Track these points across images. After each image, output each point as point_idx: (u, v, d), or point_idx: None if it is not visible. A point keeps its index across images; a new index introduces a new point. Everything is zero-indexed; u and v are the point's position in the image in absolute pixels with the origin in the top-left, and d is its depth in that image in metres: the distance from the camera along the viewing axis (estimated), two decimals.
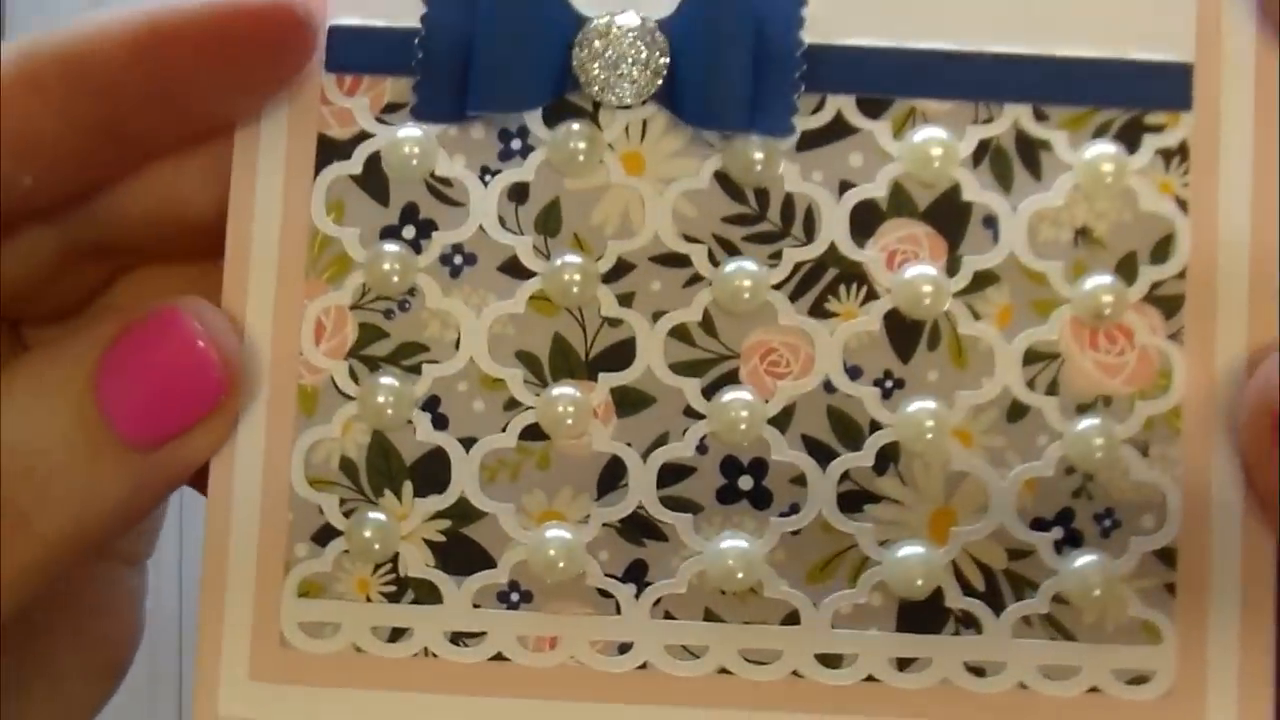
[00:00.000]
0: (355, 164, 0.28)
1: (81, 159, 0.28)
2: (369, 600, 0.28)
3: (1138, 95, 0.27)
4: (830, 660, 0.27)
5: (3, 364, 0.28)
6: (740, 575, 0.27)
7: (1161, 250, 0.27)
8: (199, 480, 0.28)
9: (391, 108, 0.28)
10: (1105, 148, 0.27)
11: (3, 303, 0.30)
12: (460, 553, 0.27)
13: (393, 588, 0.28)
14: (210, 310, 0.27)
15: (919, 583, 0.27)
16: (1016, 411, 0.27)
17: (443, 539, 0.28)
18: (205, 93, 0.27)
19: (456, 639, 0.27)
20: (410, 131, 0.28)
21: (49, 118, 0.27)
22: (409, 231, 0.28)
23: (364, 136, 0.28)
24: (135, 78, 0.27)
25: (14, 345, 0.31)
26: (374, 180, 0.28)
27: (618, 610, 0.27)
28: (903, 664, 0.27)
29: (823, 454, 0.27)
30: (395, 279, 0.27)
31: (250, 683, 0.28)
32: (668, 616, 0.27)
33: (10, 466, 0.26)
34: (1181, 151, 0.27)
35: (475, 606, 0.27)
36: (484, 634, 0.27)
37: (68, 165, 0.28)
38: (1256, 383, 0.26)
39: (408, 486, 0.28)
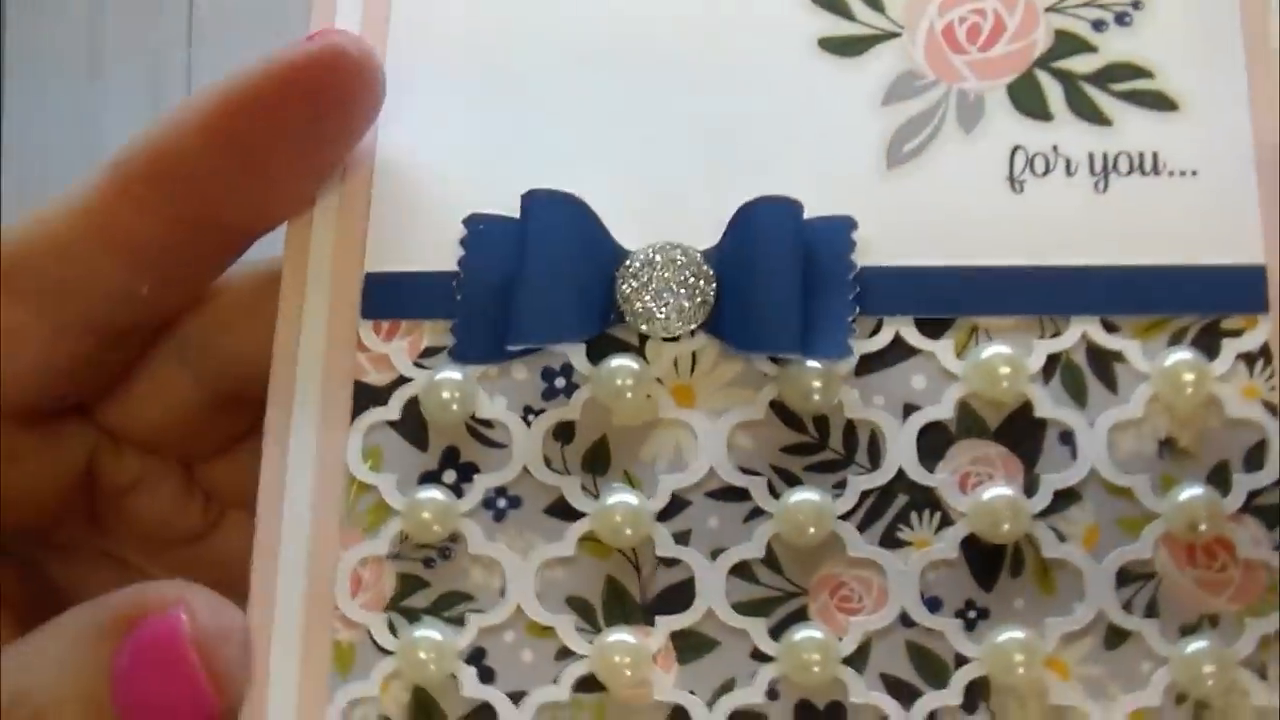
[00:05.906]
0: (393, 409, 0.27)
1: (185, 254, 0.28)
2: None
3: (1211, 300, 0.26)
4: None
5: (167, 493, 0.31)
6: None
7: (1255, 457, 0.25)
8: None
9: (429, 351, 0.27)
10: (1183, 355, 0.26)
11: (146, 437, 0.31)
12: None
13: None
14: (218, 613, 0.25)
15: None
16: (1115, 637, 0.25)
17: None
18: (284, 158, 0.28)
19: None
20: (449, 374, 0.27)
21: (145, 222, 0.27)
22: (449, 476, 0.26)
23: (401, 381, 0.27)
24: (215, 159, 0.27)
25: (188, 484, 0.32)
26: (412, 425, 0.27)
27: None
28: None
29: (905, 693, 0.25)
30: (435, 526, 0.26)
31: None
32: None
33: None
34: (1264, 354, 0.26)
35: None
36: None
37: (173, 263, 0.28)
38: None
39: None
